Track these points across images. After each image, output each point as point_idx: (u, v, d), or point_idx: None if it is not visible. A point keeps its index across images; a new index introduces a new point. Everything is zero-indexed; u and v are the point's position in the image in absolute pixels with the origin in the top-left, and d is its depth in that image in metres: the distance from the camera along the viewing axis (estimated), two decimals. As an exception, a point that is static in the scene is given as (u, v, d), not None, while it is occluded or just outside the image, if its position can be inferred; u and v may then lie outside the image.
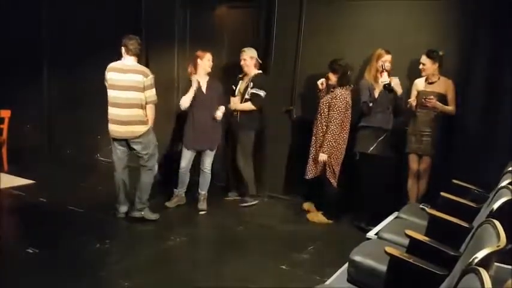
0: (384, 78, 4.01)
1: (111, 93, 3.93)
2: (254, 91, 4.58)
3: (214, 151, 4.59)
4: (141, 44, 4.02)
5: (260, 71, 4.69)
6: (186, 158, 4.56)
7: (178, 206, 4.63)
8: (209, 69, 4.47)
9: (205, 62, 4.43)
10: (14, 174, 5.29)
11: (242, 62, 4.66)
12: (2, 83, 6.22)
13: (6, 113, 5.60)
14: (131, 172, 4.19)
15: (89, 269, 3.21)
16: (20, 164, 5.64)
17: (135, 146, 4.01)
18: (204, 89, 4.45)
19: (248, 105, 4.63)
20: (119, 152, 4.07)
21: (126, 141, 4.02)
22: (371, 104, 4.11)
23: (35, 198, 4.62)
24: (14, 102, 5.87)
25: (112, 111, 3.94)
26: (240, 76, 4.79)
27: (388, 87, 3.99)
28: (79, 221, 4.14)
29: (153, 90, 3.97)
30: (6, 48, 6.30)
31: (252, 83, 4.61)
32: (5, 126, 5.61)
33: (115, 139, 4.02)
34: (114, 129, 3.96)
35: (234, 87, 4.79)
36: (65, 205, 4.42)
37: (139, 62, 4.03)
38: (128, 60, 3.94)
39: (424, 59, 4.04)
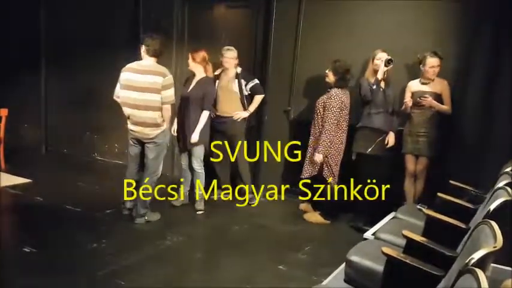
0: (385, 56, 4.05)
1: (125, 94, 3.84)
2: (251, 84, 4.64)
3: (201, 150, 4.39)
4: (163, 44, 3.90)
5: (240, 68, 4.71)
6: (182, 155, 4.56)
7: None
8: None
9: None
10: (11, 173, 5.27)
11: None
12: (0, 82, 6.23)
13: (3, 112, 5.58)
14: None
15: (86, 268, 3.20)
16: (16, 163, 5.62)
17: (147, 144, 3.95)
18: (190, 87, 4.35)
19: (257, 101, 4.68)
20: (134, 149, 4.04)
21: (141, 141, 3.99)
22: (374, 87, 4.07)
23: (31, 197, 4.60)
24: (11, 101, 5.86)
25: (126, 111, 3.90)
26: (217, 74, 4.69)
27: (389, 60, 4.04)
28: (76, 220, 4.12)
29: (170, 91, 3.84)
30: (4, 47, 6.30)
31: (243, 80, 4.64)
32: (2, 125, 5.59)
33: (131, 138, 4.01)
34: (129, 127, 3.96)
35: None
36: (62, 204, 4.41)
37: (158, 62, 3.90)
38: (147, 61, 3.85)
39: (435, 61, 3.99)
